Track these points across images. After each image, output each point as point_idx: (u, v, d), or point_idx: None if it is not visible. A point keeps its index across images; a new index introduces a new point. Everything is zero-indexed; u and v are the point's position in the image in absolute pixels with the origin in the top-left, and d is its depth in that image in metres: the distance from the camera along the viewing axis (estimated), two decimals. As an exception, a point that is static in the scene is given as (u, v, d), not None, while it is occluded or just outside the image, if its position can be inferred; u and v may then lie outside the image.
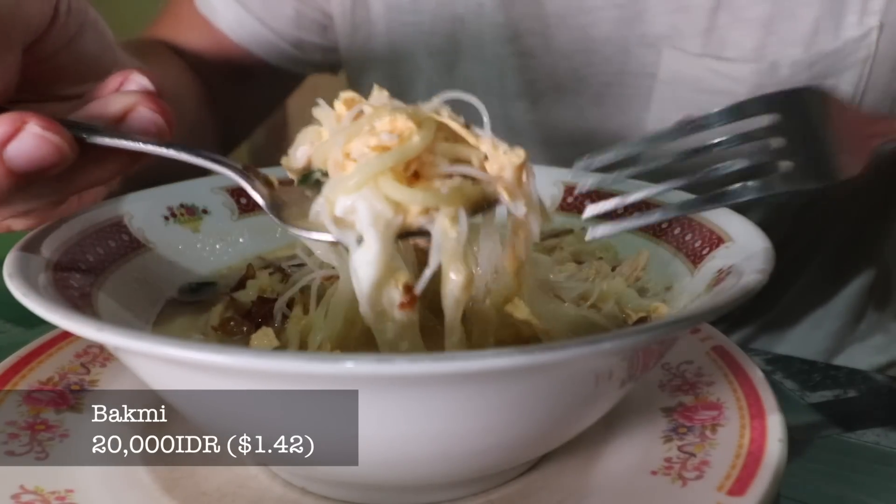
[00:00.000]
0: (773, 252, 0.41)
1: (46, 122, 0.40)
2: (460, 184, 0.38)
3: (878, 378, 0.58)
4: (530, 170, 0.39)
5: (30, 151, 0.40)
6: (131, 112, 0.44)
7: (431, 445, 0.35)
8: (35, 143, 0.40)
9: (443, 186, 0.37)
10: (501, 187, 0.38)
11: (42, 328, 0.50)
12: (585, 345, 0.30)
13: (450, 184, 0.37)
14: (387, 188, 0.37)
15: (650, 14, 0.76)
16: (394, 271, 0.38)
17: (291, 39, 0.89)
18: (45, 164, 0.40)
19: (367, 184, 0.37)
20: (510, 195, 0.38)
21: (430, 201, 0.37)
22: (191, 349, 0.30)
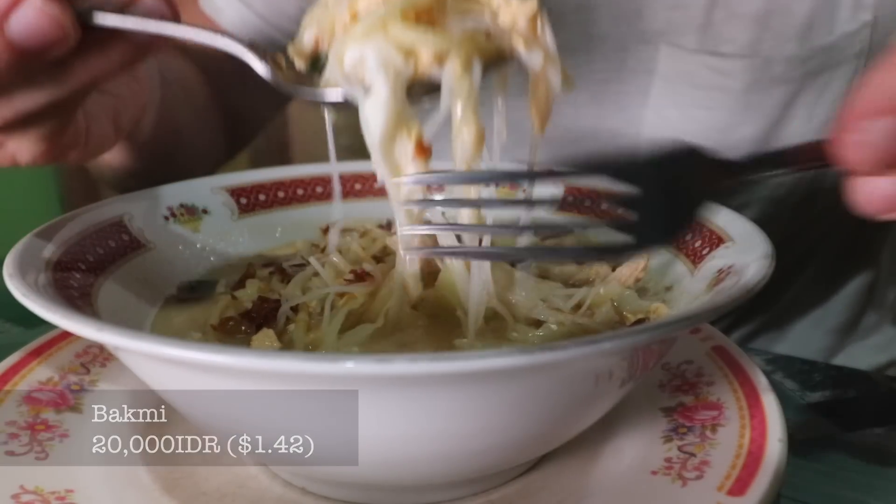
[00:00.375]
0: (773, 252, 0.41)
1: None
2: (473, 33, 0.36)
3: (878, 378, 0.58)
4: (545, 18, 0.38)
5: (31, 24, 0.39)
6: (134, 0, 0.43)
7: (431, 445, 0.35)
8: (36, 16, 0.39)
9: (455, 30, 0.36)
10: (516, 37, 0.37)
11: (42, 328, 0.50)
12: (585, 345, 0.30)
13: (462, 28, 0.36)
14: (396, 32, 0.35)
15: (648, 11, 0.76)
16: (405, 121, 0.36)
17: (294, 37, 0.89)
18: (46, 41, 0.39)
19: (376, 29, 0.35)
20: (526, 45, 0.37)
21: (441, 44, 0.35)
22: (191, 349, 0.30)
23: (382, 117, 0.36)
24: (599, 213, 0.56)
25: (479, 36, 0.36)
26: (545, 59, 0.37)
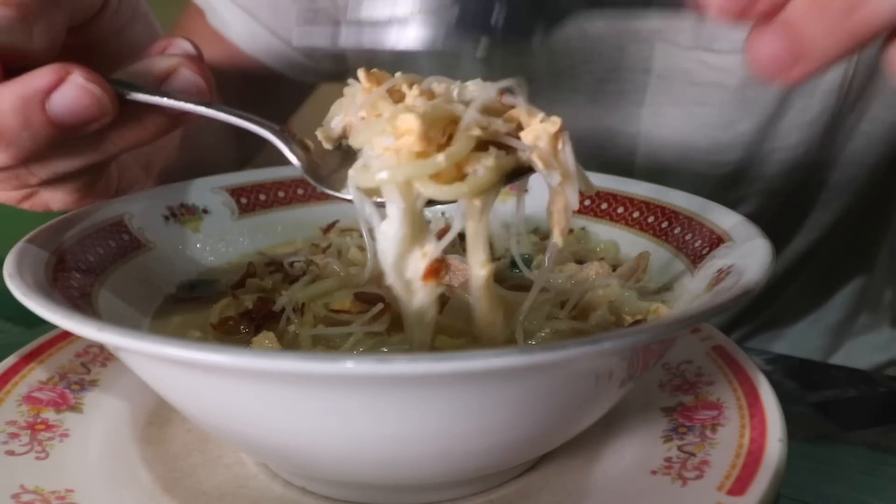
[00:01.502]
0: (773, 251, 0.41)
1: (90, 73, 0.40)
2: (493, 162, 0.37)
3: (877, 378, 0.58)
4: (566, 138, 0.39)
5: (72, 102, 0.40)
6: (174, 73, 0.44)
7: (431, 445, 0.35)
8: (77, 94, 0.40)
9: (475, 170, 0.37)
10: (536, 156, 0.38)
11: (42, 328, 0.50)
12: (585, 345, 0.30)
13: (483, 164, 0.37)
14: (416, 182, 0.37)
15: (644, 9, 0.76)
16: (419, 242, 0.37)
17: (302, 48, 0.89)
18: (86, 117, 0.40)
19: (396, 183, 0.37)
20: (545, 165, 0.38)
21: (457, 194, 0.37)
22: (191, 349, 0.30)
23: (395, 246, 0.37)
24: (599, 213, 0.56)
25: (500, 157, 0.37)
26: (563, 178, 0.38)
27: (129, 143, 0.45)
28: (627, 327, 0.43)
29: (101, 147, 0.44)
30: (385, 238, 0.37)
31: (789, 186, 0.82)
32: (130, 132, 0.44)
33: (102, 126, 0.42)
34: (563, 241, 0.40)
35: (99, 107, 0.41)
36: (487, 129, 0.38)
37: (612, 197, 0.56)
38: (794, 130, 0.78)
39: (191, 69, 0.45)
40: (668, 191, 0.53)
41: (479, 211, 0.38)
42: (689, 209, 0.50)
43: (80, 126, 0.41)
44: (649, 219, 0.53)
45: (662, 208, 0.52)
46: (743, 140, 0.78)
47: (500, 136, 0.38)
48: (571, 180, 0.39)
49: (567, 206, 0.39)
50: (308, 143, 0.44)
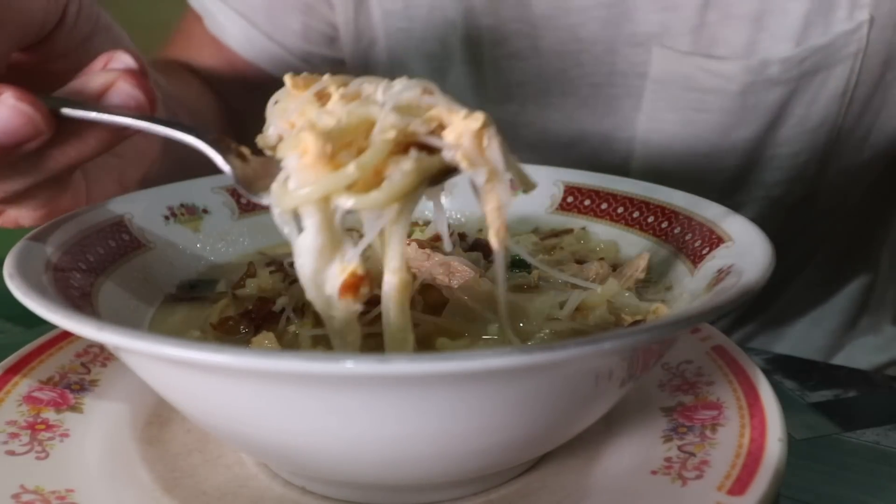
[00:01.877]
0: (773, 252, 0.41)
1: (21, 93, 0.40)
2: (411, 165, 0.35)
3: (877, 378, 0.58)
4: (493, 134, 0.36)
5: (3, 123, 0.40)
6: (112, 88, 0.44)
7: (431, 445, 0.35)
8: (9, 115, 0.40)
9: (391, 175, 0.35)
10: (461, 155, 0.36)
11: (42, 328, 0.50)
12: (585, 345, 0.30)
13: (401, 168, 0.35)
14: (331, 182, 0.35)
15: (639, 13, 0.76)
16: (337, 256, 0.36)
17: (300, 53, 0.89)
18: (19, 137, 0.40)
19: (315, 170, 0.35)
20: (470, 163, 0.36)
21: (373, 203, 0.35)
22: (191, 349, 0.30)
23: (311, 261, 0.36)
24: (599, 213, 0.56)
25: (423, 159, 0.36)
26: (491, 176, 0.36)
27: (71, 158, 0.44)
28: (627, 327, 0.43)
29: (44, 165, 0.44)
30: (301, 252, 0.36)
31: (790, 194, 0.82)
32: (72, 148, 0.44)
33: (40, 145, 0.42)
34: (502, 244, 0.38)
35: (32, 126, 0.40)
36: (405, 131, 0.36)
37: (612, 197, 0.56)
38: (795, 138, 0.77)
39: (129, 83, 0.44)
40: (669, 191, 0.53)
41: (395, 214, 0.36)
42: (690, 209, 0.50)
43: (15, 146, 0.41)
44: (649, 219, 0.53)
45: (662, 208, 0.52)
46: (742, 146, 0.78)
47: (420, 137, 0.36)
48: (500, 177, 0.37)
49: (500, 205, 0.37)
50: (244, 152, 0.44)
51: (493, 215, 0.37)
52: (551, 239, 0.56)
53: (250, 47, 0.88)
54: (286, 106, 0.40)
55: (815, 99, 0.75)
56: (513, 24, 0.80)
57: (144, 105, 0.45)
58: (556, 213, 0.58)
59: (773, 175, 0.80)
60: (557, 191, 0.59)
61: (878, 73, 0.76)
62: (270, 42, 0.88)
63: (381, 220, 0.36)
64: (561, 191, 0.58)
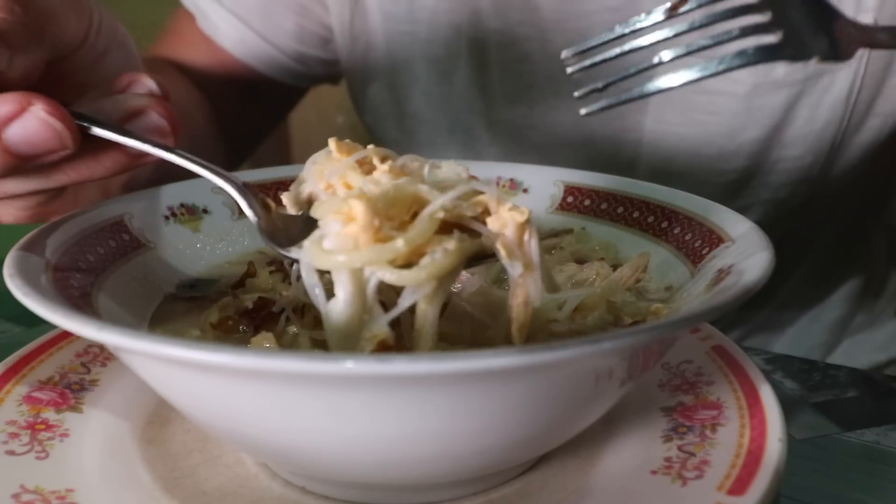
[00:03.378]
0: (772, 251, 0.41)
1: (53, 107, 0.40)
2: (455, 245, 0.36)
3: (877, 378, 0.58)
4: (533, 230, 0.38)
5: (30, 134, 0.40)
6: (142, 114, 0.44)
7: (431, 445, 0.35)
8: (37, 127, 0.40)
9: (434, 252, 0.36)
10: (501, 245, 0.37)
11: (42, 328, 0.50)
12: (585, 345, 0.30)
13: (444, 246, 0.36)
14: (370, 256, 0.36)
15: None
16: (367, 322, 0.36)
17: (293, 54, 0.89)
18: (43, 149, 0.40)
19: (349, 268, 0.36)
20: (508, 254, 0.37)
21: (415, 280, 0.35)
22: (191, 349, 0.30)
23: (340, 324, 0.36)
24: (599, 213, 0.56)
25: (464, 241, 0.36)
26: (526, 270, 0.37)
27: (82, 176, 0.44)
28: (627, 327, 0.43)
29: (54, 176, 0.44)
30: (330, 318, 0.36)
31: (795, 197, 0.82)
32: (85, 166, 0.44)
33: (60, 158, 0.42)
34: (522, 339, 0.39)
35: (58, 140, 0.40)
36: (452, 212, 0.37)
37: (612, 197, 0.56)
38: (801, 140, 0.78)
39: (158, 111, 0.44)
40: (669, 190, 0.53)
41: (432, 293, 0.36)
42: (689, 209, 0.50)
43: (36, 157, 0.41)
44: (649, 219, 0.53)
45: (662, 208, 0.52)
46: (748, 149, 0.78)
47: (466, 220, 0.37)
48: (534, 273, 0.38)
49: (528, 299, 0.38)
50: (269, 203, 0.45)
51: (520, 310, 0.38)
52: (551, 239, 0.56)
53: (243, 47, 0.87)
54: (325, 167, 0.41)
55: (819, 102, 0.75)
56: (521, 27, 0.80)
57: (169, 135, 0.45)
58: (556, 213, 0.58)
59: (778, 178, 0.80)
60: (557, 191, 0.59)
61: (882, 76, 0.76)
62: (264, 42, 0.87)
63: (416, 295, 0.36)
64: (561, 191, 0.58)
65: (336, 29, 0.89)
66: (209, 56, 0.88)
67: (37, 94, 0.40)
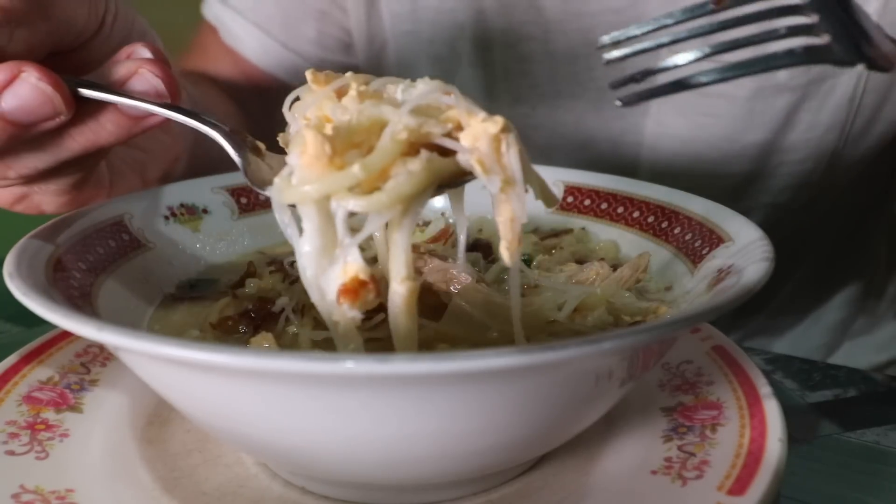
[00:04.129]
0: (773, 251, 0.41)
1: (43, 72, 0.41)
2: (419, 166, 0.34)
3: (877, 378, 0.58)
4: (512, 141, 0.34)
5: (24, 100, 0.41)
6: (134, 75, 0.45)
7: (431, 445, 0.35)
8: (29, 93, 0.41)
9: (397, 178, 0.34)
10: (475, 160, 0.34)
11: (42, 328, 0.50)
12: (585, 345, 0.30)
13: (408, 168, 0.34)
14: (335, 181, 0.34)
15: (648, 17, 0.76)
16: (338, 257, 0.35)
17: (315, 61, 0.90)
18: (38, 115, 0.41)
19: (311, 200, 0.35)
20: (484, 169, 0.34)
21: (375, 205, 0.34)
22: (191, 349, 0.30)
23: (311, 258, 0.35)
24: (599, 213, 0.56)
25: (435, 160, 0.34)
26: (506, 185, 0.34)
27: (90, 141, 0.45)
28: (627, 327, 0.43)
29: (64, 145, 0.44)
30: (301, 253, 0.35)
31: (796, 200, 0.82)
32: (90, 130, 0.45)
33: (59, 125, 0.42)
34: (513, 258, 0.36)
35: (51, 105, 0.41)
36: (418, 132, 0.34)
37: (612, 197, 0.56)
38: (803, 145, 0.78)
39: (151, 71, 0.45)
40: (669, 190, 0.53)
41: (399, 217, 0.34)
42: (690, 209, 0.50)
43: (33, 123, 0.41)
44: (649, 219, 0.53)
45: (662, 208, 0.52)
46: (750, 153, 0.78)
47: (435, 138, 0.35)
48: (516, 187, 0.34)
49: (513, 216, 0.35)
50: (260, 147, 0.44)
51: (506, 227, 0.35)
52: (551, 239, 0.56)
53: (266, 57, 0.88)
54: (305, 101, 0.40)
55: (822, 106, 0.75)
56: (524, 27, 0.80)
57: (164, 94, 0.45)
58: (556, 213, 0.58)
59: (779, 182, 0.80)
60: (557, 191, 0.59)
61: (887, 80, 0.76)
62: (286, 51, 0.88)
63: (381, 220, 0.35)
64: (561, 191, 0.58)
65: (354, 31, 0.90)
66: (234, 68, 0.89)
67: (28, 62, 0.41)
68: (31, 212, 0.49)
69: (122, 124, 0.45)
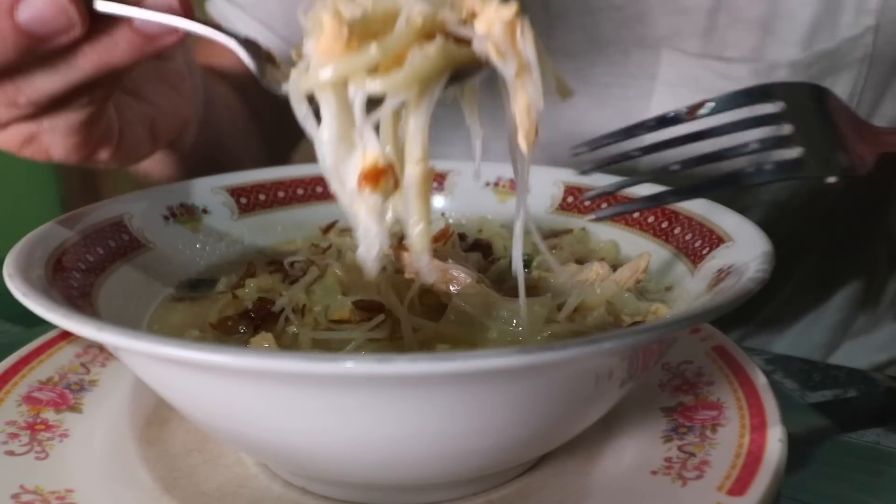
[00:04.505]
0: (773, 251, 0.41)
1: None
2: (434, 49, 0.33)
3: (877, 378, 0.58)
4: (527, 26, 0.34)
5: (39, 11, 0.41)
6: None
7: (431, 445, 0.35)
8: (44, 4, 0.41)
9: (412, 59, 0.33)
10: (490, 45, 0.34)
11: (42, 328, 0.50)
12: (585, 345, 0.30)
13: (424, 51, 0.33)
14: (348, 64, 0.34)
15: (650, 15, 0.76)
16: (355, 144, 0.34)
17: None
18: (53, 26, 0.41)
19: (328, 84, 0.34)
20: (499, 54, 0.34)
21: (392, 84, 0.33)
22: (191, 349, 0.30)
23: (329, 146, 0.35)
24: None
25: (449, 47, 0.34)
26: (521, 70, 0.34)
27: (103, 59, 0.45)
28: (627, 327, 0.43)
29: (76, 63, 0.44)
30: (320, 143, 0.35)
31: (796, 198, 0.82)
32: (104, 48, 0.45)
33: (73, 39, 0.43)
34: (531, 147, 0.36)
35: (66, 18, 0.42)
36: (433, 19, 0.34)
37: (612, 197, 0.56)
38: None
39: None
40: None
41: (415, 99, 0.34)
42: (690, 209, 0.50)
43: (49, 36, 0.42)
44: (649, 219, 0.53)
45: (662, 208, 0.52)
46: None
47: (450, 26, 0.35)
48: (531, 72, 0.34)
49: (529, 105, 0.35)
50: (273, 55, 0.44)
51: (523, 115, 0.35)
52: (551, 239, 0.56)
53: None
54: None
55: None
56: None
57: (177, 9, 0.45)
58: (556, 213, 0.58)
59: None
60: (557, 191, 0.59)
61: (886, 78, 0.76)
62: (288, 46, 0.88)
63: (396, 101, 0.34)
64: (561, 191, 0.59)
65: None
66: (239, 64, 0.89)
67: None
68: (38, 157, 0.48)
69: (136, 42, 0.45)
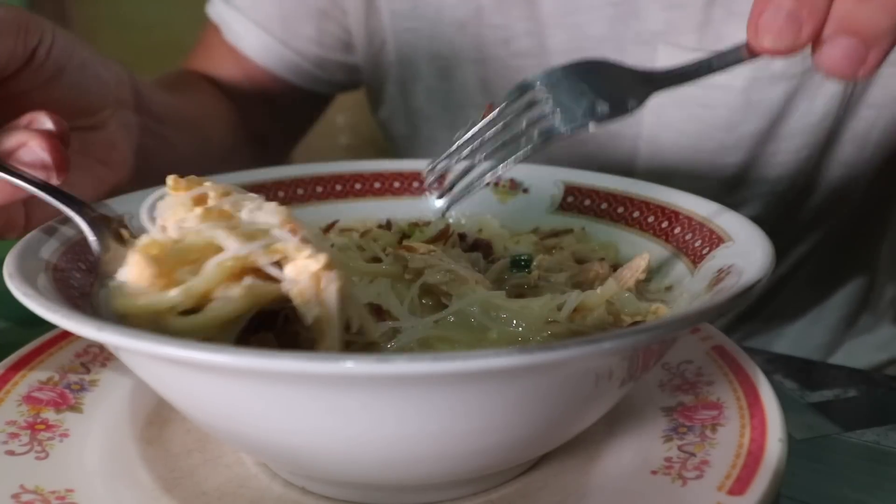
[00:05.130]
0: (773, 251, 0.41)
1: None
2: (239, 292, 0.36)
3: (878, 378, 0.58)
4: (332, 279, 0.36)
5: None
6: (23, 147, 0.45)
7: (431, 445, 0.35)
8: None
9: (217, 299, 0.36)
10: (297, 291, 0.36)
11: (42, 328, 0.50)
12: (585, 345, 0.30)
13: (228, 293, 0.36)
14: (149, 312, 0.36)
15: (645, 11, 0.76)
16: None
17: (314, 59, 0.91)
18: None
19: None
20: (303, 300, 0.36)
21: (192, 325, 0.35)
22: (191, 349, 0.30)
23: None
24: (599, 213, 0.56)
25: (257, 286, 0.36)
26: (323, 319, 0.36)
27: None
28: (627, 327, 0.43)
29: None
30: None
31: (792, 190, 0.82)
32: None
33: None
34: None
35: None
36: (245, 260, 0.36)
37: (612, 197, 0.56)
38: (798, 133, 0.78)
39: (40, 145, 0.45)
40: (669, 190, 0.53)
41: (217, 336, 0.36)
42: (690, 209, 0.50)
43: None
44: (649, 219, 0.53)
45: (662, 208, 0.52)
46: (747, 142, 0.78)
47: (262, 266, 0.37)
48: (331, 323, 0.37)
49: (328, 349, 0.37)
50: (125, 236, 0.45)
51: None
52: (551, 239, 0.56)
53: (266, 55, 0.89)
54: (163, 205, 0.41)
55: (817, 93, 0.76)
56: (521, 22, 0.80)
57: (51, 168, 0.46)
58: (556, 213, 0.58)
59: (775, 170, 0.80)
60: (557, 191, 0.59)
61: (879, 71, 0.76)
62: (286, 49, 0.89)
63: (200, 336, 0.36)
64: (561, 191, 0.58)
65: (354, 30, 0.90)
66: (235, 66, 0.90)
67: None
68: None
69: (5, 191, 0.45)
